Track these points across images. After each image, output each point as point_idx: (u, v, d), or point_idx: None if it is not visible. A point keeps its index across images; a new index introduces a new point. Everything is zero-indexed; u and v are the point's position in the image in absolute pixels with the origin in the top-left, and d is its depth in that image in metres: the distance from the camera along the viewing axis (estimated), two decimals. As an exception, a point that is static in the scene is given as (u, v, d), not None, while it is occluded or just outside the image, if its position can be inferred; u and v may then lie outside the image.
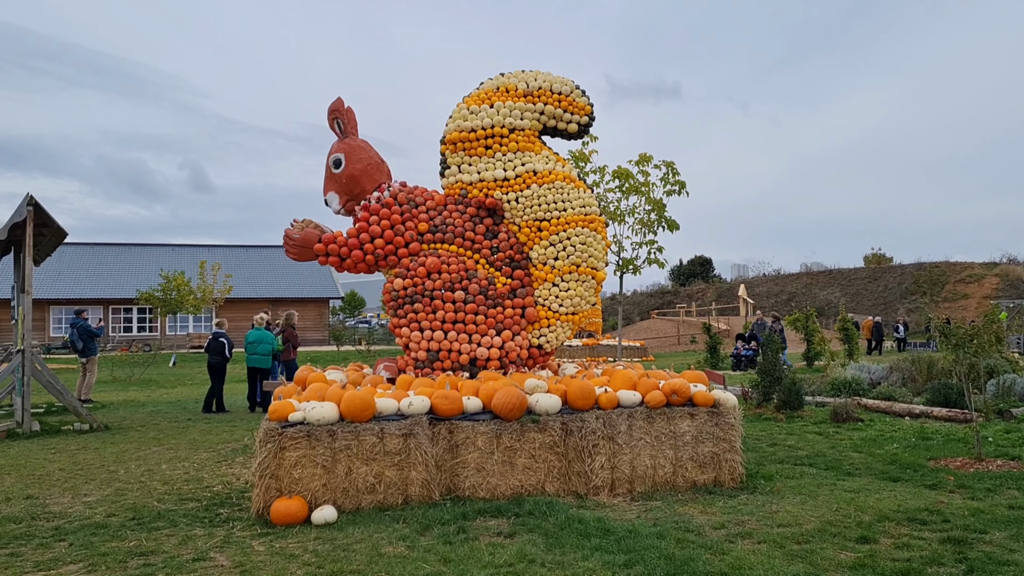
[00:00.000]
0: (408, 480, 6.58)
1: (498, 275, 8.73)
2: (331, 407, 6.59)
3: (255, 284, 47.35)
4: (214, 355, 15.20)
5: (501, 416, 6.86)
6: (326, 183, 8.98)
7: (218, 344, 15.24)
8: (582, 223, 8.67)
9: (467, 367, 8.39)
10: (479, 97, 9.04)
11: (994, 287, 51.33)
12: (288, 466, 6.39)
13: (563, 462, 6.91)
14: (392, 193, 8.74)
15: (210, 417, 13.81)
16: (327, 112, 8.96)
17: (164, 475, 8.42)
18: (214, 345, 15.30)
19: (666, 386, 7.26)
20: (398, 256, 8.59)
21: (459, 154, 8.97)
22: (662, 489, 7.04)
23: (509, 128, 8.83)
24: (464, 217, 8.81)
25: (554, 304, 8.69)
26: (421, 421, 6.68)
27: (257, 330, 15.15)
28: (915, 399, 12.43)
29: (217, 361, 15.11)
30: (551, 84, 8.98)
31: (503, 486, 6.81)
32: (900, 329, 34.71)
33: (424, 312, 8.39)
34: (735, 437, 7.18)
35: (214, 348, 15.26)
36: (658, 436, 7.08)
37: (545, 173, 8.71)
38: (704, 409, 7.22)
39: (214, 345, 15.30)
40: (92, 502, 7.26)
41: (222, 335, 15.39)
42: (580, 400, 7.05)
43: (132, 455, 9.74)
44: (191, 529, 6.23)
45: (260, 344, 14.86)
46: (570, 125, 9.07)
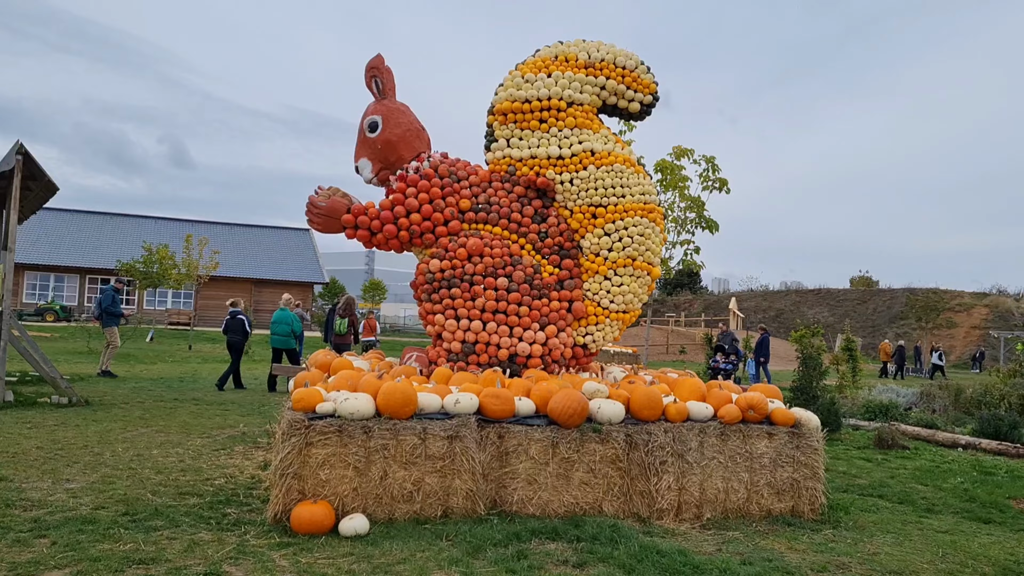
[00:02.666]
0: (450, 489, 5.68)
1: (545, 263, 7.84)
2: (367, 399, 5.68)
3: (238, 264, 46.04)
4: (234, 334, 15.19)
5: (558, 422, 5.97)
6: (358, 148, 8.04)
7: (237, 322, 15.24)
8: (641, 212, 7.80)
9: (505, 363, 7.50)
10: (535, 65, 8.14)
11: (983, 317, 51.07)
12: (314, 465, 5.47)
13: (625, 479, 6.04)
14: (432, 164, 7.83)
15: (203, 398, 12.80)
16: (365, 70, 8.03)
17: (156, 462, 7.46)
18: (232, 324, 15.27)
19: (741, 400, 6.40)
20: (435, 234, 7.68)
21: (509, 126, 8.07)
22: (733, 517, 6.18)
23: (567, 101, 7.94)
24: (511, 197, 7.92)
25: (604, 300, 7.81)
26: (469, 422, 5.78)
27: (281, 311, 15.07)
28: (956, 428, 11.68)
29: (237, 340, 15.15)
30: (615, 57, 8.10)
31: (556, 502, 5.92)
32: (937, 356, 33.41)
33: (462, 299, 7.49)
34: (818, 462, 6.34)
35: (232, 327, 15.24)
36: (732, 456, 6.22)
37: (604, 154, 7.84)
38: (784, 429, 6.37)
39: (232, 324, 15.27)
40: (76, 489, 6.30)
41: (240, 313, 15.42)
42: (646, 410, 6.19)
43: (118, 436, 8.76)
44: (196, 532, 5.29)
45: (280, 324, 14.79)
46: (632, 104, 8.20)
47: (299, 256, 50.51)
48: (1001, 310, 51.22)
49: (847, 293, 60.76)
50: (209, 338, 32.31)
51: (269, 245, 50.44)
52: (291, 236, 52.92)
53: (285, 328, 14.85)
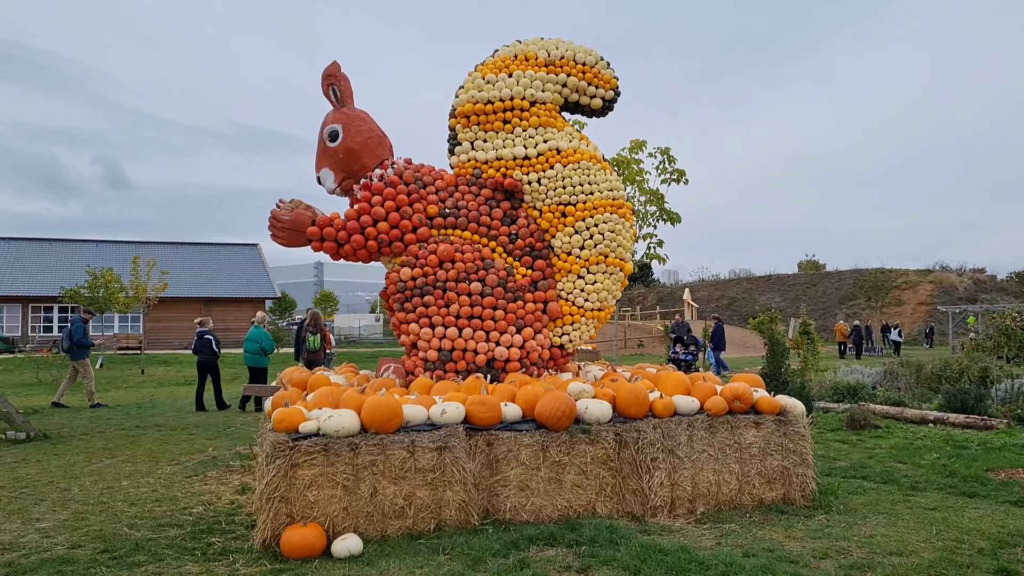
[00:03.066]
0: (442, 502, 5.55)
1: (517, 265, 7.75)
2: (351, 415, 5.52)
3: (187, 283, 45.04)
4: (203, 354, 14.92)
5: (547, 426, 5.88)
6: (319, 158, 7.86)
7: (204, 342, 14.96)
8: (610, 208, 7.75)
9: (484, 369, 7.38)
10: (495, 65, 8.05)
11: (928, 293, 52.33)
12: (301, 487, 5.29)
13: (617, 479, 5.97)
14: (397, 171, 7.69)
15: (165, 423, 12.42)
16: (321, 77, 7.85)
17: (128, 494, 7.20)
18: (200, 344, 15.00)
19: (727, 391, 6.38)
20: (404, 242, 7.53)
21: (472, 129, 7.96)
22: (726, 508, 6.15)
23: (530, 100, 7.86)
24: (479, 200, 7.81)
25: (579, 299, 7.75)
26: (457, 432, 5.65)
27: (255, 328, 15.04)
28: (923, 404, 11.86)
29: (207, 359, 14.91)
30: (574, 53, 8.04)
31: (549, 507, 5.83)
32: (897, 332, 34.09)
33: (436, 306, 7.36)
34: (806, 449, 6.34)
35: (201, 347, 14.97)
36: (722, 448, 6.19)
37: (570, 152, 7.77)
38: (770, 417, 6.36)
39: (200, 344, 15.00)
40: (48, 529, 6.02)
41: (207, 333, 15.10)
42: (633, 407, 6.12)
43: (83, 469, 8.44)
44: (181, 564, 5.09)
45: (251, 342, 14.81)
46: (594, 100, 8.15)
47: (248, 272, 49.65)
48: (945, 286, 52.52)
49: (796, 278, 61.78)
50: (162, 361, 31.63)
51: (217, 262, 49.49)
52: (239, 252, 52.03)
53: (254, 346, 14.80)
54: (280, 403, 6.09)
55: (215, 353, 15.03)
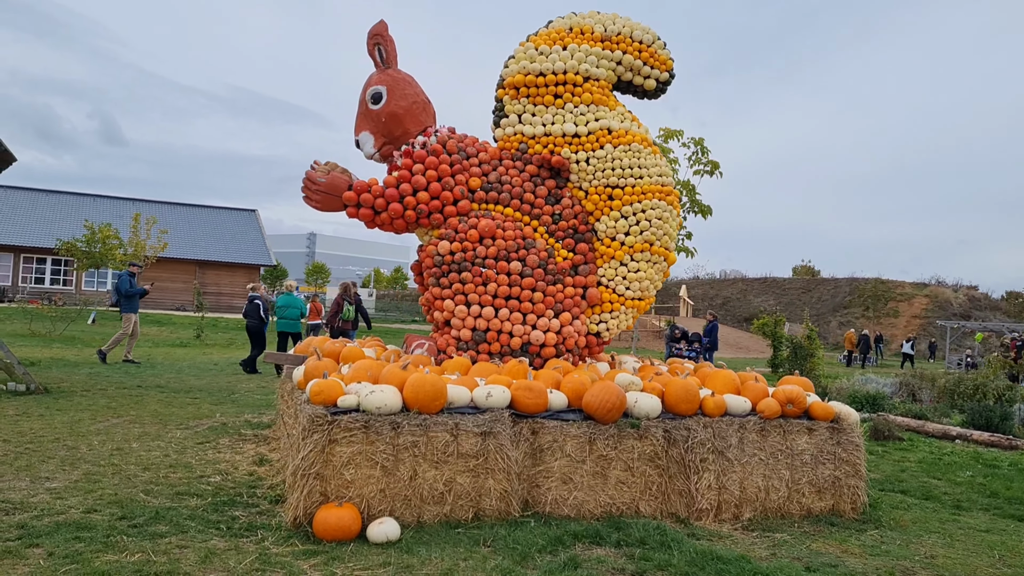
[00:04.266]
0: (483, 490, 5.25)
1: (558, 247, 7.43)
2: (393, 392, 5.21)
3: (182, 244, 44.44)
4: (252, 318, 15.25)
5: (595, 417, 5.58)
6: (359, 120, 7.51)
7: (254, 307, 15.28)
8: (659, 195, 7.44)
9: (518, 352, 7.07)
10: (549, 36, 7.70)
11: (923, 307, 52.30)
12: (338, 465, 4.98)
13: (663, 477, 5.68)
14: (440, 139, 7.34)
15: (167, 384, 12.07)
16: (367, 37, 7.49)
17: (139, 457, 6.87)
18: (250, 308, 15.35)
19: (779, 393, 6.09)
20: (444, 214, 7.21)
21: (521, 101, 7.62)
22: (773, 516, 5.88)
23: (583, 76, 7.52)
24: (523, 176, 7.48)
25: (620, 286, 7.44)
26: (502, 417, 5.35)
27: (287, 295, 15.39)
28: (944, 419, 11.63)
29: (255, 324, 15.19)
30: (632, 30, 7.70)
31: (591, 502, 5.54)
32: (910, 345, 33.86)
33: (473, 283, 7.04)
34: (859, 459, 6.06)
35: (251, 311, 15.31)
36: (773, 453, 5.91)
37: (621, 132, 7.44)
38: (824, 424, 6.08)
39: (250, 308, 15.35)
40: (59, 489, 5.70)
41: (257, 298, 15.40)
42: (683, 404, 5.83)
43: (89, 427, 8.10)
44: (207, 538, 4.78)
45: (288, 308, 15.06)
46: (647, 81, 7.82)
47: (245, 237, 49.09)
48: (940, 300, 52.50)
49: (792, 282, 61.68)
50: (155, 321, 31.16)
51: (214, 226, 48.90)
52: (237, 217, 51.45)
53: (294, 312, 15.16)
54: (315, 374, 5.76)
55: (262, 319, 15.27)
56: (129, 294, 15.45)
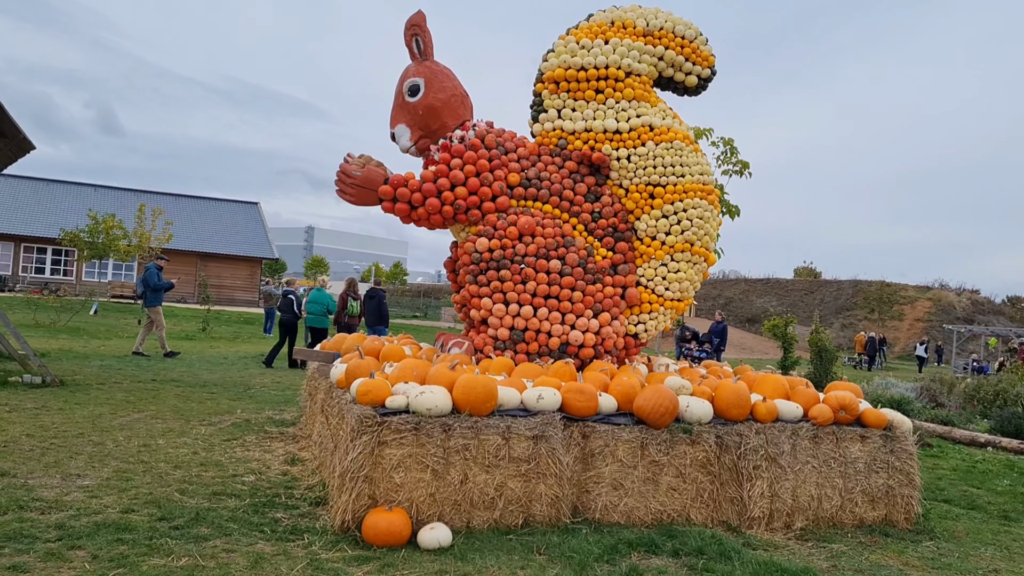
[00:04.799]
0: (533, 495, 5.09)
1: (598, 245, 7.27)
2: (444, 393, 5.04)
3: (184, 236, 44.11)
4: (287, 312, 15.63)
5: (647, 422, 5.42)
6: (395, 112, 7.34)
7: (288, 302, 15.67)
8: (700, 194, 7.29)
9: (556, 352, 6.92)
10: (590, 30, 7.53)
11: (926, 310, 52.26)
12: (388, 468, 4.82)
13: (714, 484, 5.52)
14: (478, 133, 7.17)
15: (181, 379, 11.89)
16: (405, 27, 7.32)
17: (167, 454, 6.70)
18: (285, 303, 15.75)
19: (832, 400, 5.94)
20: (482, 211, 7.04)
21: (561, 96, 7.45)
22: (824, 526, 5.72)
23: (625, 71, 7.36)
24: (562, 173, 7.32)
25: (660, 287, 7.29)
26: (554, 421, 5.19)
27: (317, 291, 15.61)
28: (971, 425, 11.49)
29: (289, 318, 15.59)
30: (674, 25, 7.54)
31: (642, 509, 5.38)
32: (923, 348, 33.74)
33: (512, 282, 6.87)
34: (913, 468, 5.91)
35: (285, 306, 15.69)
36: (826, 461, 5.75)
37: (663, 129, 7.29)
38: (877, 432, 5.92)
39: (285, 303, 15.75)
40: (92, 487, 5.53)
41: (291, 292, 15.85)
42: (734, 409, 5.67)
43: (110, 422, 7.93)
44: (252, 542, 4.62)
45: (314, 304, 15.29)
46: (689, 77, 7.66)
47: (247, 230, 48.88)
48: (943, 304, 52.46)
49: (794, 283, 61.64)
50: (157, 313, 30.91)
51: (216, 218, 48.66)
52: (239, 209, 51.22)
53: (320, 308, 15.27)
54: (359, 373, 5.59)
55: (296, 314, 15.60)
56: (158, 287, 15.42)
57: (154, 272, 15.32)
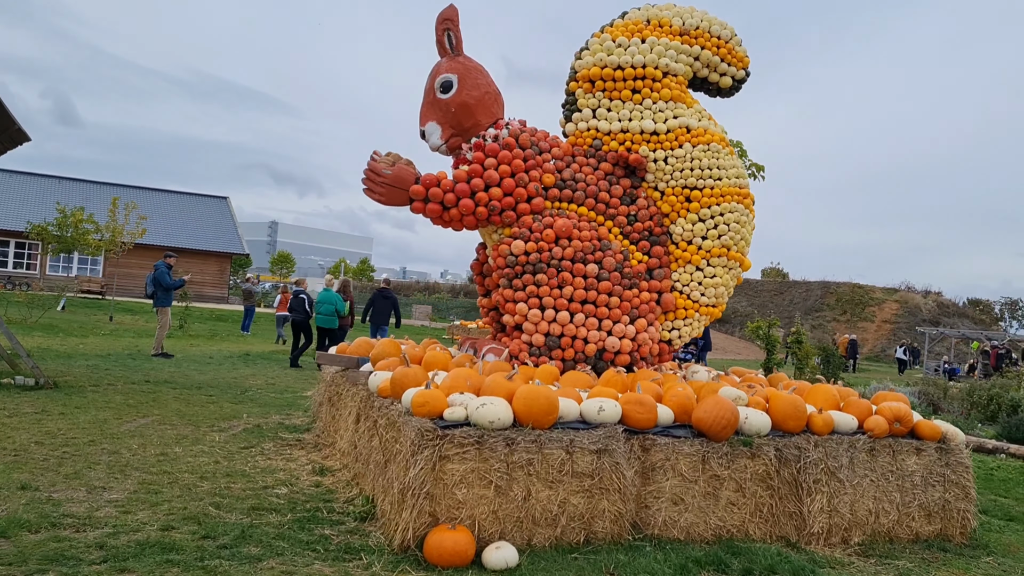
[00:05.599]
0: (595, 511, 4.89)
1: (633, 249, 7.09)
2: (505, 405, 4.82)
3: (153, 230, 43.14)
4: (298, 312, 15.71)
5: (708, 434, 5.24)
6: (425, 110, 7.08)
7: (299, 301, 15.73)
8: (736, 198, 7.15)
9: (592, 359, 6.72)
10: (626, 28, 7.35)
11: (894, 312, 52.90)
12: (450, 484, 4.58)
13: (773, 499, 5.36)
14: (512, 132, 6.95)
15: (174, 379, 11.50)
16: (436, 21, 7.06)
17: (189, 464, 6.39)
18: (296, 303, 15.82)
19: (886, 411, 5.81)
20: (518, 212, 6.81)
21: (596, 95, 7.26)
22: (881, 540, 5.58)
23: (662, 71, 7.18)
24: (597, 174, 7.12)
25: (695, 292, 7.13)
26: (616, 434, 4.99)
27: (326, 291, 15.58)
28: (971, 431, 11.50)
29: (300, 318, 15.66)
30: (710, 25, 7.38)
31: (701, 525, 5.20)
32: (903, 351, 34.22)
33: (548, 286, 6.65)
34: (969, 481, 5.81)
35: (297, 306, 15.77)
36: (883, 474, 5.62)
37: (700, 131, 7.12)
38: (932, 444, 5.81)
39: (296, 303, 15.82)
40: (122, 502, 5.23)
41: (302, 292, 15.94)
42: (791, 420, 5.52)
43: (118, 428, 7.58)
44: (308, 562, 4.36)
45: (323, 304, 15.21)
46: (724, 78, 7.51)
47: (217, 225, 48.00)
48: (910, 306, 53.12)
49: (763, 284, 62.03)
50: (127, 309, 30.27)
51: (185, 212, 47.69)
52: (208, 204, 50.32)
53: (329, 308, 15.16)
54: (408, 382, 5.34)
55: (307, 313, 15.61)
56: (171, 287, 15.01)
57: (164, 271, 14.83)
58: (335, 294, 15.43)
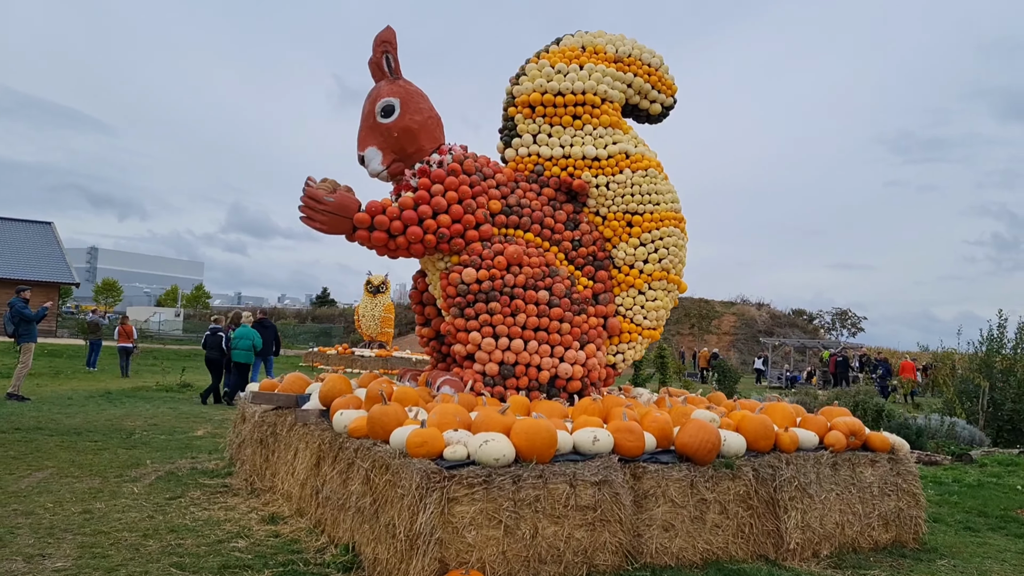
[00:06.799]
0: (597, 544, 4.79)
1: (579, 275, 7.08)
2: (506, 441, 4.66)
3: (-31, 259, 39.70)
4: (212, 350, 15.24)
5: (694, 459, 5.28)
6: (365, 134, 6.81)
7: (216, 339, 15.27)
8: (673, 222, 7.30)
9: (545, 386, 6.65)
10: (563, 55, 7.37)
11: (732, 324, 55.84)
12: (460, 527, 4.37)
13: (753, 518, 5.45)
14: (456, 158, 6.80)
15: (39, 424, 10.46)
16: (374, 44, 6.82)
17: (121, 521, 5.80)
18: (212, 340, 15.31)
19: (842, 425, 6.05)
20: (466, 239, 6.65)
21: (536, 121, 7.23)
22: (847, 552, 5.79)
23: (601, 97, 7.24)
24: (541, 200, 7.08)
25: (638, 315, 7.21)
26: (613, 464, 4.93)
27: (243, 327, 15.32)
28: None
29: (215, 356, 15.24)
30: (641, 52, 7.54)
31: (690, 549, 5.21)
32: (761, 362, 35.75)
33: (501, 314, 6.53)
34: (918, 489, 6.12)
35: (212, 343, 15.29)
36: (846, 487, 5.84)
37: (638, 156, 7.24)
38: (884, 455, 6.10)
39: (212, 340, 15.31)
40: (70, 570, 4.68)
41: (219, 330, 15.45)
42: (762, 440, 5.65)
43: (17, 485, 6.79)
44: (315, 624, 4.03)
45: (241, 340, 14.99)
46: (653, 105, 7.68)
47: (41, 253, 44.53)
48: (747, 318, 56.26)
49: (610, 301, 63.98)
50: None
51: (4, 239, 44.04)
52: (31, 230, 46.63)
53: (247, 343, 14.94)
54: (389, 421, 5.05)
55: (223, 351, 15.13)
56: (32, 319, 13.73)
57: (21, 306, 13.56)
58: (252, 330, 15.31)
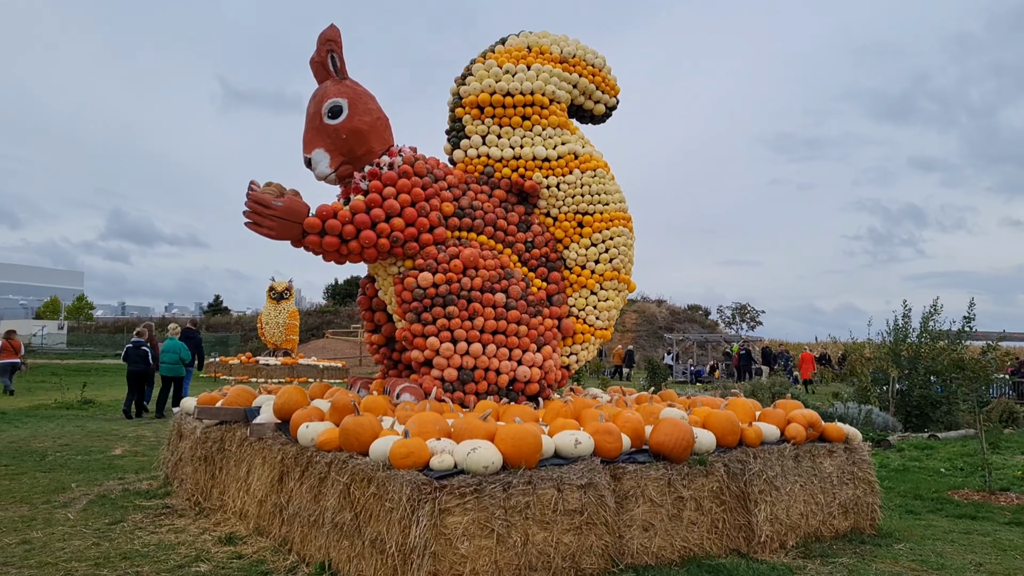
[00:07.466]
0: (583, 547, 4.74)
1: (532, 276, 7.03)
2: (493, 448, 4.56)
3: None
4: (136, 363, 14.78)
5: (669, 457, 5.29)
6: (310, 136, 6.57)
7: (140, 353, 14.84)
8: (622, 222, 7.33)
9: (504, 390, 6.58)
10: (510, 55, 7.30)
11: (634, 321, 56.93)
12: (453, 538, 4.25)
13: (726, 513, 5.51)
14: (407, 159, 6.65)
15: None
16: (318, 42, 6.59)
17: (66, 551, 5.42)
18: (136, 354, 14.83)
19: (800, 417, 6.19)
20: (420, 243, 6.51)
21: (485, 122, 7.14)
22: (811, 541, 5.91)
23: (549, 98, 7.21)
24: (493, 201, 6.99)
25: (591, 316, 7.21)
26: (596, 466, 4.90)
27: (171, 340, 15.23)
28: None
29: (140, 369, 14.82)
30: (584, 53, 7.55)
31: (668, 547, 5.22)
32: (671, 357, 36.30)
33: (459, 318, 6.42)
34: (873, 477, 6.31)
35: (135, 356, 14.82)
36: (808, 478, 5.97)
37: (587, 157, 7.25)
38: (841, 446, 6.26)
39: (136, 354, 14.83)
40: (26, 609, 4.32)
41: (143, 343, 15.02)
42: (729, 436, 5.72)
43: (-64, 518, 6.29)
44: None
45: (168, 353, 14.91)
46: (597, 106, 7.70)
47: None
48: (647, 315, 57.48)
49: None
50: None
51: None
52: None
53: (173, 356, 14.85)
54: (364, 432, 4.87)
55: (148, 364, 14.88)
56: None
57: None
58: (179, 342, 15.12)
